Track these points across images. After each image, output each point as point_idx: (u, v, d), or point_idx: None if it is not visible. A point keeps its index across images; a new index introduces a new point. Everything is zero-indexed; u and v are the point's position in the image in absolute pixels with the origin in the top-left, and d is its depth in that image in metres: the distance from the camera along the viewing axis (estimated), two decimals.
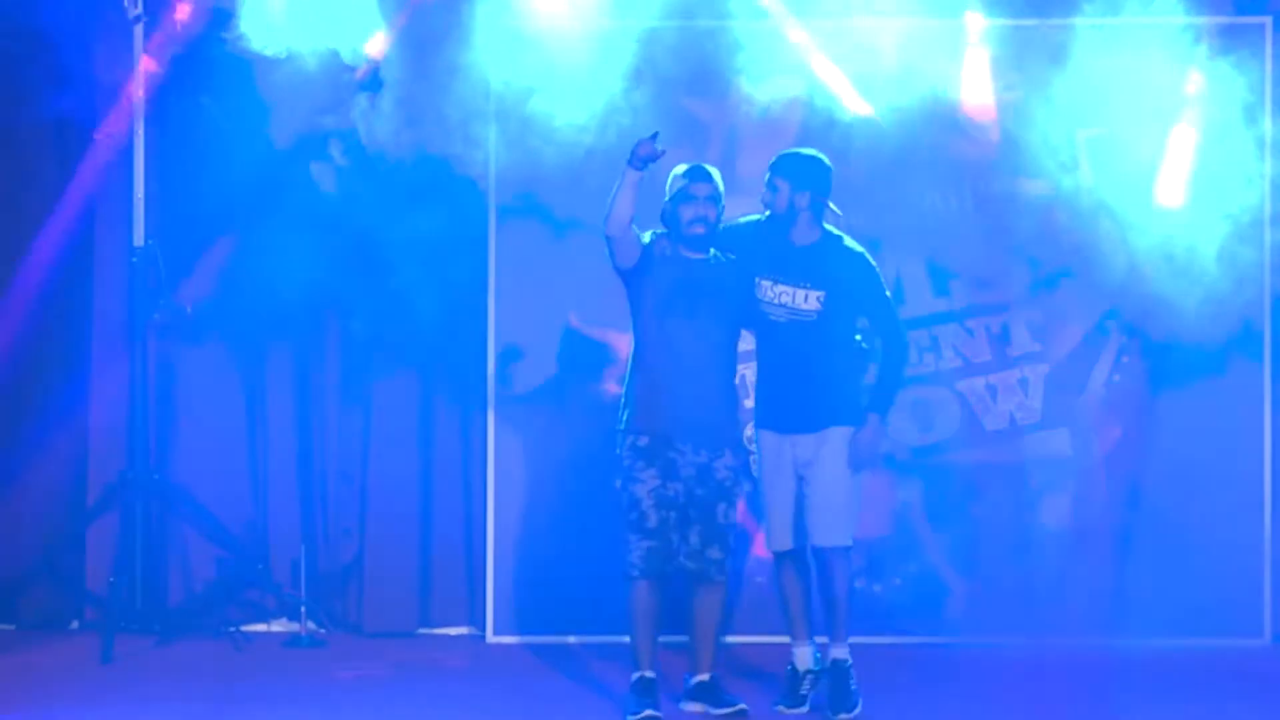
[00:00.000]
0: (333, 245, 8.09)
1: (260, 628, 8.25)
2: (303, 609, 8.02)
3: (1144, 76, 7.82)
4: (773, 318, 6.60)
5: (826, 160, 6.69)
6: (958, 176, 8.04)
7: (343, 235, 8.10)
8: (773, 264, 6.59)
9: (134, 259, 8.02)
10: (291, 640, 8.02)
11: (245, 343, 8.32)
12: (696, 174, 6.58)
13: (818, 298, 6.54)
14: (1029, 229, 8.03)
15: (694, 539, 6.54)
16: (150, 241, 7.99)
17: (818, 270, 6.54)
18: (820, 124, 7.91)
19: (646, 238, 6.57)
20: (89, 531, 8.23)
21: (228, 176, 8.03)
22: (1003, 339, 8.09)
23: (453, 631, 8.30)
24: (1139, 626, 7.91)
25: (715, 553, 6.55)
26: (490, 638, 8.07)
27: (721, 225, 6.64)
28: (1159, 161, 7.88)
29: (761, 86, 7.91)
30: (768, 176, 6.61)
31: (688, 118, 8.00)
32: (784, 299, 6.58)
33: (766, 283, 6.60)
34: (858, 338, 6.69)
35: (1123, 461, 8.06)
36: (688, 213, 6.53)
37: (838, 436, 6.57)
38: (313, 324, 8.27)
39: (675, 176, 6.58)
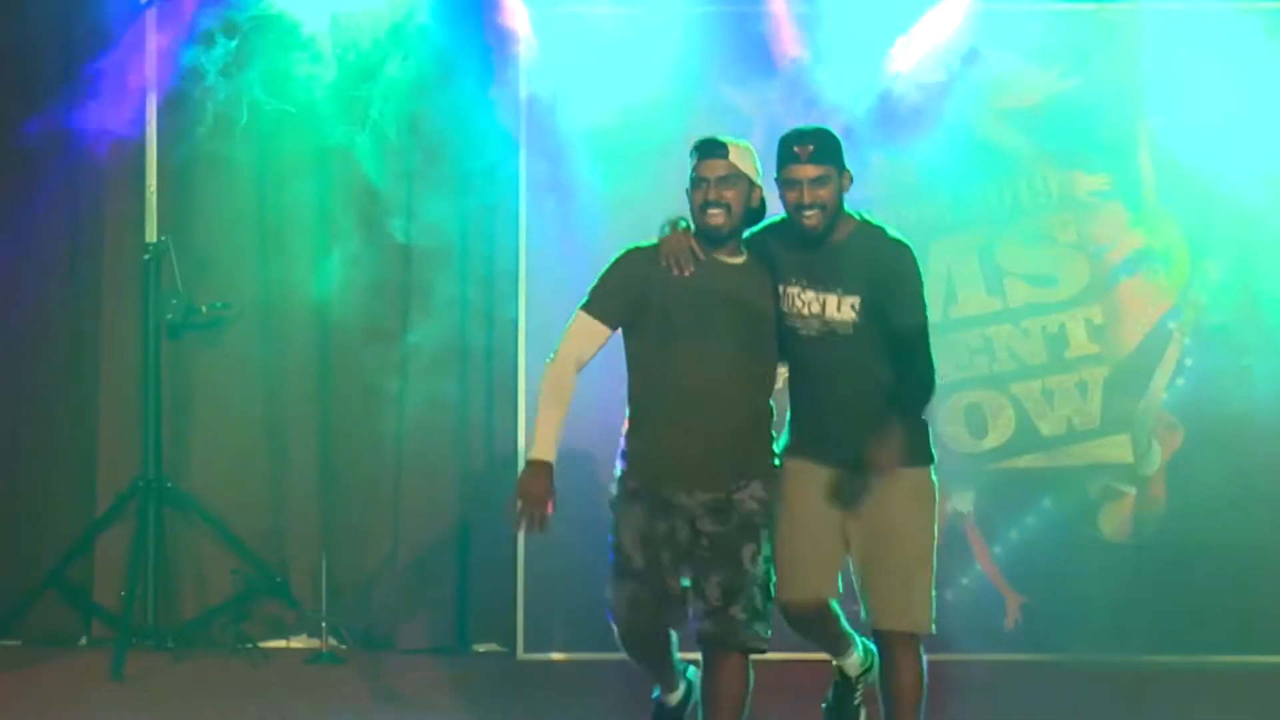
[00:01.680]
0: (356, 240, 8.02)
1: (279, 644, 8.08)
2: (324, 624, 7.88)
3: (1209, 64, 7.65)
4: (803, 333, 5.35)
5: None
6: (1012, 168, 7.88)
7: (368, 229, 8.03)
8: (799, 265, 5.35)
9: (146, 256, 7.92)
10: (312, 657, 7.84)
11: (263, 342, 8.18)
12: (706, 149, 5.30)
13: (853, 304, 5.29)
14: (1087, 224, 7.87)
15: (712, 591, 5.23)
16: (163, 237, 7.91)
17: (853, 269, 5.29)
18: (869, 113, 7.73)
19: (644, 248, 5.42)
20: (98, 542, 8.08)
21: (246, 168, 7.99)
22: (1060, 340, 7.89)
23: (481, 648, 8.10)
24: (1204, 643, 7.72)
25: (739, 611, 5.21)
26: (520, 655, 7.90)
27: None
28: (1223, 153, 7.70)
29: (807, 73, 7.70)
30: (798, 176, 5.26)
31: (727, 108, 7.77)
32: (813, 308, 5.32)
33: (793, 291, 5.35)
34: None
35: (1186, 469, 7.84)
36: (698, 198, 5.28)
37: (905, 487, 5.32)
38: (335, 321, 8.14)
39: (690, 154, 5.40)
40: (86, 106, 7.92)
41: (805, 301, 5.34)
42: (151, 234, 7.91)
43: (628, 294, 5.32)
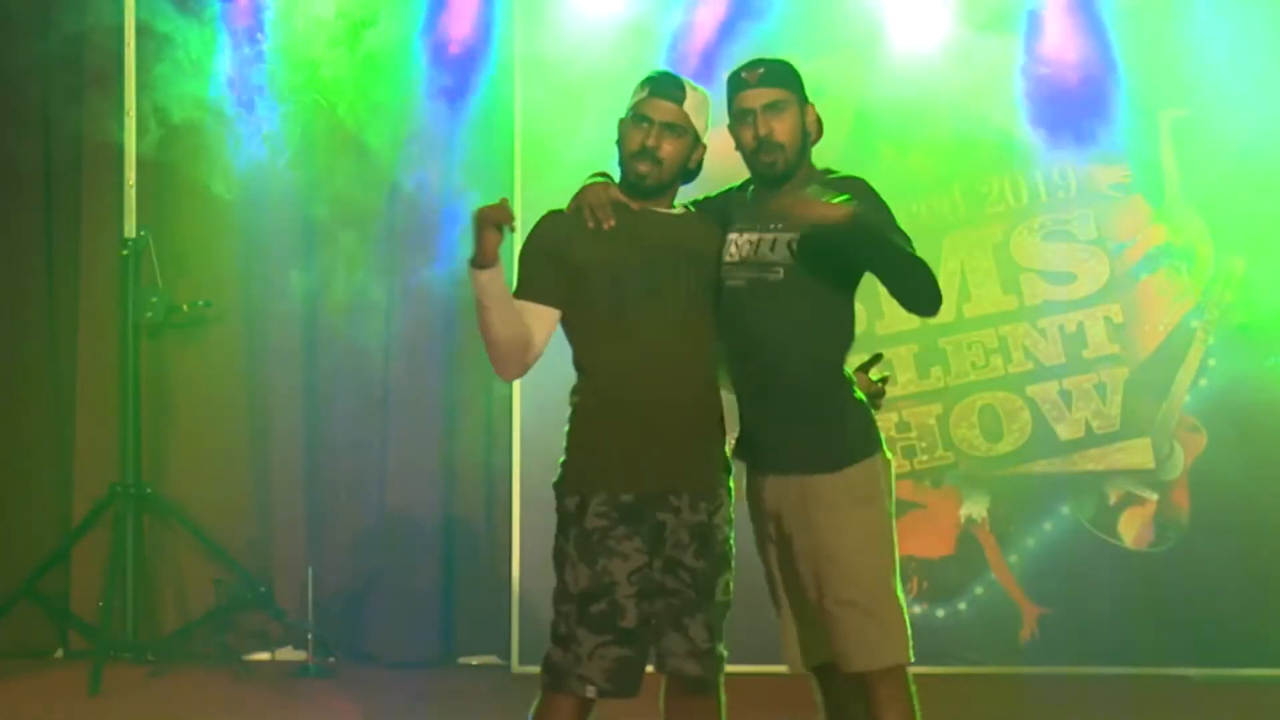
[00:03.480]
0: (343, 236, 7.94)
1: (263, 656, 7.97)
2: (310, 636, 7.77)
3: (1233, 53, 7.56)
4: (730, 283, 4.59)
5: None
6: (1027, 160, 7.75)
7: (355, 227, 7.96)
8: (746, 212, 4.64)
9: (124, 252, 7.81)
10: (298, 670, 7.72)
11: (247, 342, 8.10)
12: (660, 85, 4.63)
13: (790, 242, 4.49)
14: (1107, 219, 7.75)
15: (700, 633, 4.65)
16: (142, 232, 7.80)
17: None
18: (876, 105, 7.64)
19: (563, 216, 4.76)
20: (75, 550, 7.99)
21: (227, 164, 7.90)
22: (1078, 340, 7.75)
23: (475, 661, 8.01)
24: (1230, 656, 7.59)
25: (719, 646, 4.72)
26: (515, 667, 7.76)
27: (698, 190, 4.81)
28: (1247, 145, 7.60)
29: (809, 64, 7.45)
30: (750, 104, 4.56)
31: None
32: (745, 250, 4.56)
33: (731, 236, 4.63)
34: (883, 382, 4.85)
35: (1209, 474, 7.70)
36: (634, 139, 4.60)
37: (829, 498, 4.56)
38: (322, 322, 8.07)
39: (639, 84, 4.70)
40: (63, 96, 7.96)
41: (739, 245, 4.58)
42: (130, 229, 7.81)
43: (556, 263, 4.64)
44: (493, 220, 4.45)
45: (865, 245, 4.39)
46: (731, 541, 4.73)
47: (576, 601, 4.57)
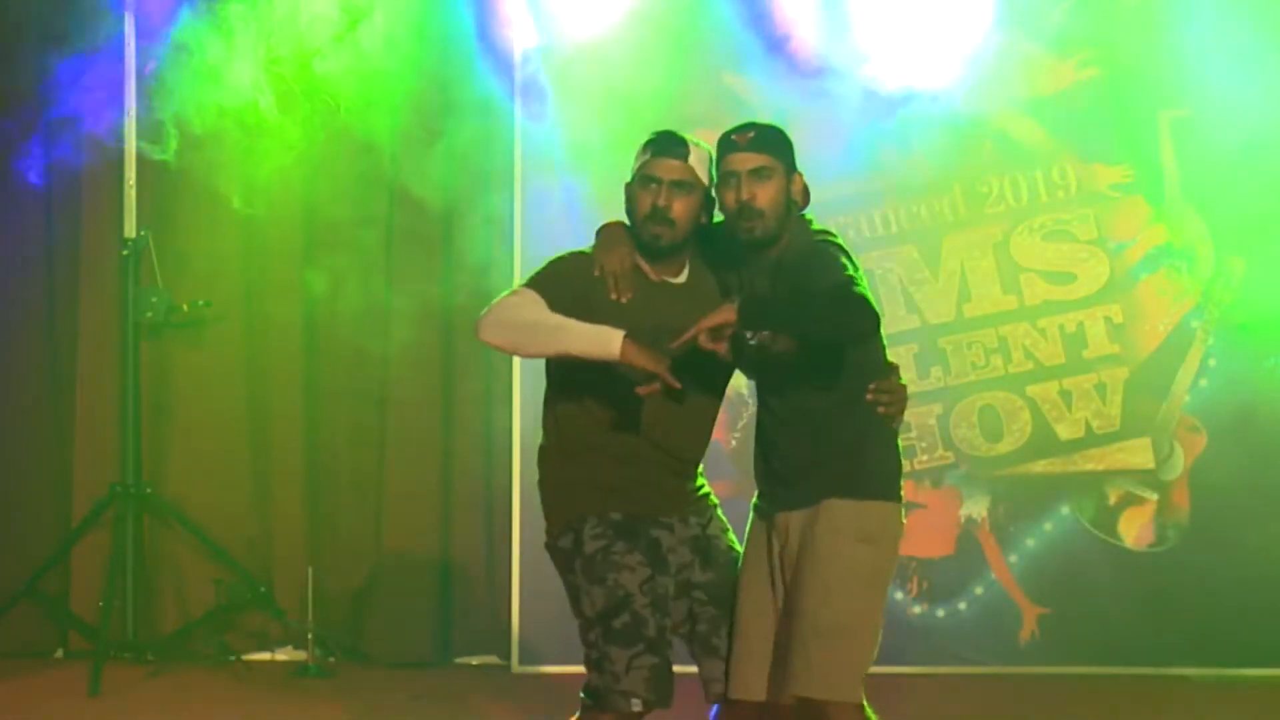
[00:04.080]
0: (343, 237, 7.93)
1: (263, 656, 7.96)
2: (310, 636, 7.74)
3: (1233, 52, 7.52)
4: (751, 341, 4.60)
5: None
6: (1028, 161, 7.72)
7: (355, 228, 7.94)
8: (740, 282, 4.69)
9: (124, 251, 7.82)
10: (298, 670, 7.71)
11: (247, 343, 8.07)
12: (662, 145, 4.63)
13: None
14: (1107, 218, 7.72)
15: (725, 648, 4.69)
16: (142, 232, 7.81)
17: (785, 281, 4.56)
18: (881, 103, 7.61)
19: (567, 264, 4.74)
20: (75, 550, 7.98)
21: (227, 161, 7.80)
22: (1078, 340, 7.73)
23: (474, 661, 7.98)
24: (1229, 655, 7.58)
25: None
26: (515, 668, 7.75)
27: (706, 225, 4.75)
28: (1247, 144, 7.59)
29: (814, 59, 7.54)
30: (736, 168, 4.54)
31: (729, 95, 7.59)
32: (759, 338, 4.57)
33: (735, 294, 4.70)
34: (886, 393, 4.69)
35: (1210, 474, 7.67)
36: (644, 202, 4.61)
37: (831, 521, 4.54)
38: (322, 322, 8.04)
39: (641, 148, 4.73)
40: (63, 96, 7.83)
41: (751, 334, 4.54)
42: (130, 228, 7.82)
43: (571, 292, 4.60)
44: (613, 282, 4.58)
45: (764, 320, 4.40)
46: (735, 544, 4.73)
47: (599, 624, 4.56)
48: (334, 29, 7.58)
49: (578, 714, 4.68)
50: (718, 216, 4.65)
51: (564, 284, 4.61)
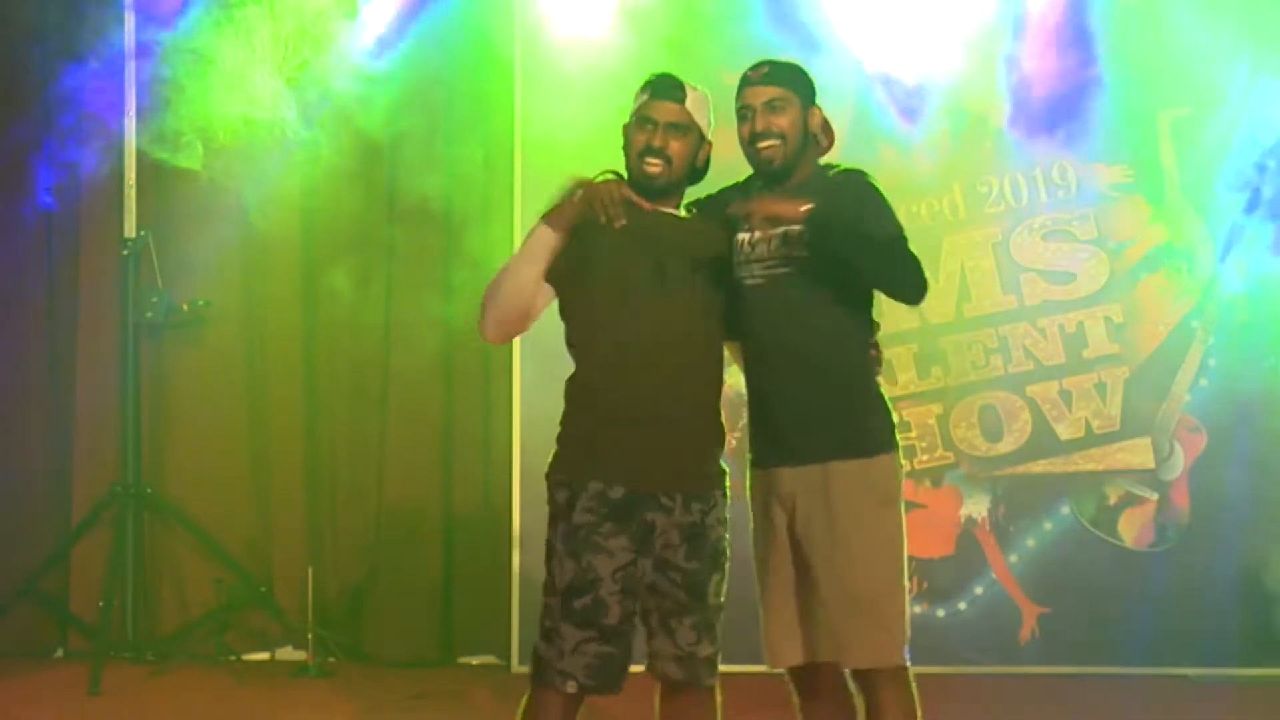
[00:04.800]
0: (343, 236, 7.95)
1: (263, 656, 7.97)
2: (309, 636, 7.71)
3: (1232, 52, 7.52)
4: (748, 282, 4.63)
5: None
6: (1027, 160, 7.71)
7: (354, 221, 7.95)
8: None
9: (124, 251, 7.82)
10: (298, 670, 7.68)
11: (247, 343, 8.07)
12: (660, 88, 4.67)
13: (800, 233, 4.49)
14: (1107, 219, 7.70)
15: (684, 635, 4.65)
16: (142, 232, 7.80)
17: (803, 201, 4.54)
18: (877, 102, 7.61)
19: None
20: (75, 550, 7.97)
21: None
22: (1078, 339, 7.71)
23: (474, 661, 7.97)
24: (1229, 655, 7.55)
25: (708, 648, 4.68)
26: (515, 667, 7.70)
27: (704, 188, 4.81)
28: (1247, 144, 7.59)
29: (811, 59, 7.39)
30: (752, 101, 4.61)
31: (727, 93, 7.44)
32: (759, 249, 4.59)
33: (742, 236, 4.65)
34: (873, 347, 4.76)
35: (1210, 474, 7.66)
36: (639, 141, 4.65)
37: (842, 486, 4.58)
38: (322, 321, 8.04)
39: (639, 90, 4.77)
40: (63, 95, 7.85)
41: (751, 244, 4.62)
42: (130, 229, 7.82)
43: (571, 254, 4.63)
44: (602, 206, 4.51)
45: (830, 239, 4.43)
46: (726, 543, 4.72)
47: (560, 596, 4.59)
48: (331, 28, 7.60)
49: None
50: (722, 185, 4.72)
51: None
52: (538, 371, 4.84)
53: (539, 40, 7.67)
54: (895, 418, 4.70)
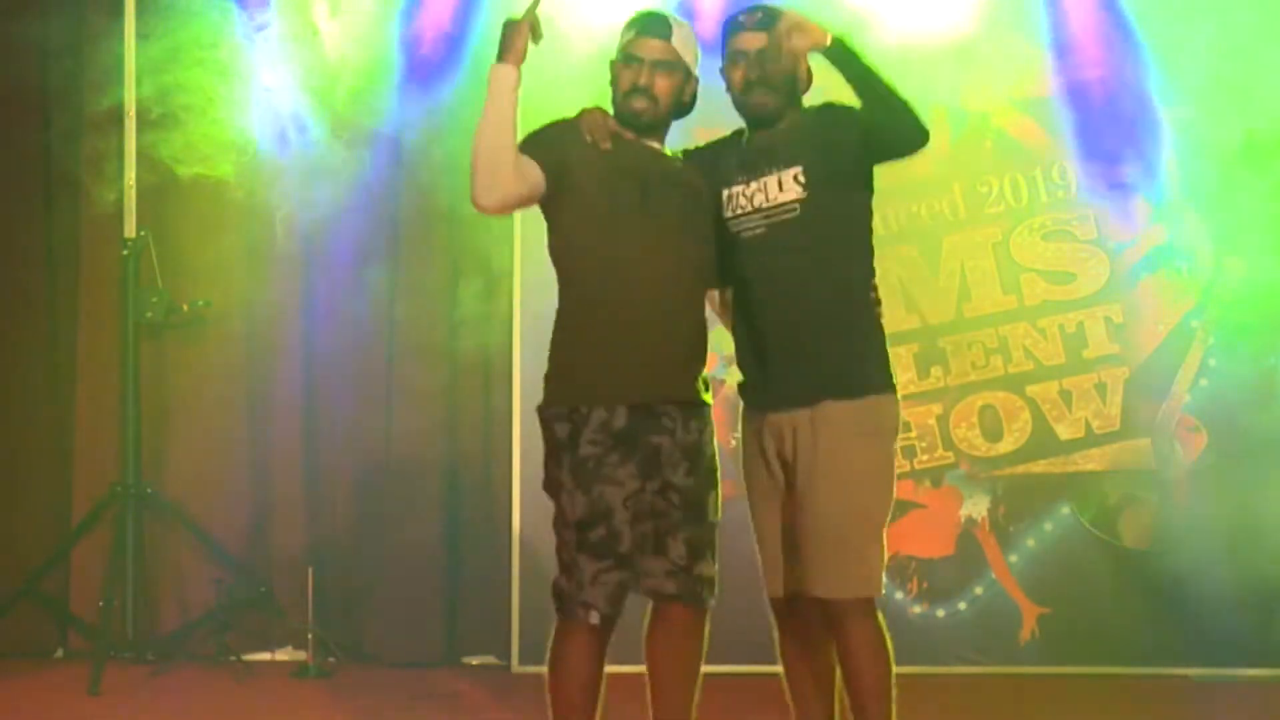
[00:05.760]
0: (343, 235, 7.91)
1: (263, 656, 7.93)
2: (310, 636, 7.69)
3: (1233, 53, 7.46)
4: (746, 234, 4.67)
5: None
6: (1027, 160, 7.70)
7: (355, 225, 7.92)
8: (738, 163, 4.71)
9: (124, 251, 7.77)
10: (298, 670, 7.67)
11: (247, 343, 8.04)
12: (646, 24, 4.74)
13: (795, 176, 4.57)
14: (1107, 219, 7.69)
15: (679, 550, 4.73)
16: (142, 232, 7.77)
17: (790, 142, 4.62)
18: None
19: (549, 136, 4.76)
20: (75, 550, 7.95)
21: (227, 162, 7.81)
22: (1078, 339, 7.69)
23: (475, 661, 7.94)
24: (1229, 656, 7.51)
25: (709, 567, 4.78)
26: (515, 667, 7.70)
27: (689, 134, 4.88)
28: (1248, 144, 7.57)
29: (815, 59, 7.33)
30: (745, 46, 4.66)
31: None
32: (757, 199, 4.63)
33: (735, 189, 4.70)
34: (873, 294, 4.78)
35: (1210, 474, 7.64)
36: (626, 79, 4.71)
37: (835, 423, 4.60)
38: (322, 319, 8.01)
39: (625, 26, 4.82)
40: (63, 96, 7.94)
41: (747, 196, 4.66)
42: (130, 229, 7.78)
43: (557, 150, 4.68)
44: (589, 128, 4.64)
45: (851, 64, 4.47)
46: (717, 459, 4.78)
47: (575, 529, 4.66)
48: (329, 28, 7.64)
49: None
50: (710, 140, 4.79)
51: (550, 142, 4.71)
52: (538, 372, 4.82)
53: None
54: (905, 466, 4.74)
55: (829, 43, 4.47)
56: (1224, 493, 7.57)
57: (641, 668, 4.95)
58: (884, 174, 7.22)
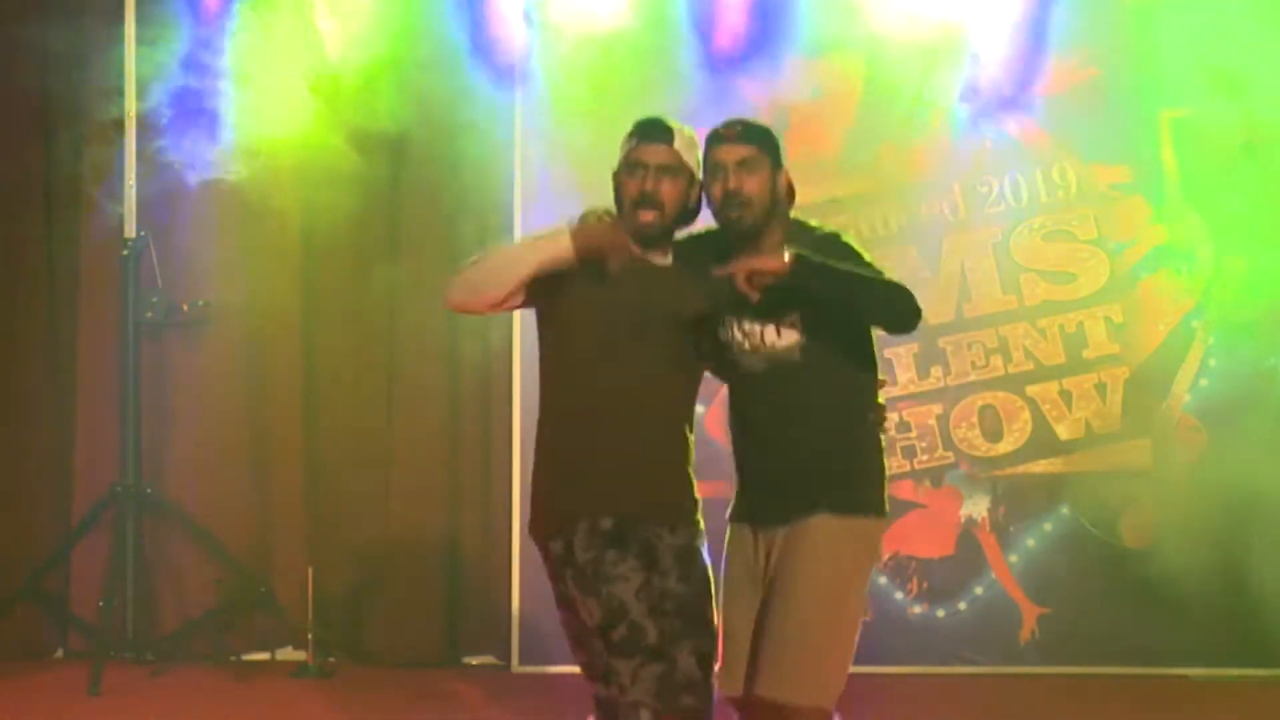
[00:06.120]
0: (343, 236, 7.89)
1: (263, 656, 7.94)
2: (310, 636, 7.68)
3: (1233, 53, 7.47)
4: (745, 367, 4.62)
5: None
6: (1028, 161, 7.70)
7: (355, 226, 7.89)
8: (734, 302, 4.57)
9: (124, 251, 7.77)
10: (298, 671, 7.66)
11: (247, 343, 8.03)
12: (646, 131, 4.64)
13: (792, 323, 4.55)
14: (1107, 219, 7.68)
15: (686, 664, 4.54)
16: (142, 232, 7.76)
17: (783, 290, 4.44)
18: (880, 105, 7.61)
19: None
20: (75, 551, 7.94)
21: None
22: (1078, 340, 7.70)
23: (474, 661, 7.95)
24: (1229, 656, 7.55)
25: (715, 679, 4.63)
26: (515, 667, 7.72)
27: (694, 217, 4.72)
28: (1249, 145, 7.57)
29: (817, 62, 7.51)
30: (724, 159, 4.57)
31: (731, 93, 7.52)
32: (753, 340, 4.59)
33: (730, 324, 4.63)
34: (873, 413, 4.70)
35: (1209, 474, 7.62)
36: (632, 188, 4.59)
37: (821, 532, 4.53)
38: (322, 321, 8.02)
39: (626, 135, 4.73)
40: (62, 96, 7.89)
41: (749, 334, 4.59)
42: (130, 229, 7.77)
43: (552, 281, 4.58)
44: (614, 252, 4.49)
45: (820, 279, 4.38)
46: (710, 570, 4.63)
47: (600, 636, 4.48)
48: (330, 30, 7.63)
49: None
50: (699, 229, 4.67)
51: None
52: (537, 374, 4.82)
53: (540, 35, 7.65)
54: (887, 470, 4.64)
55: (789, 267, 4.34)
56: (1224, 493, 7.53)
57: None
58: (884, 175, 7.25)
